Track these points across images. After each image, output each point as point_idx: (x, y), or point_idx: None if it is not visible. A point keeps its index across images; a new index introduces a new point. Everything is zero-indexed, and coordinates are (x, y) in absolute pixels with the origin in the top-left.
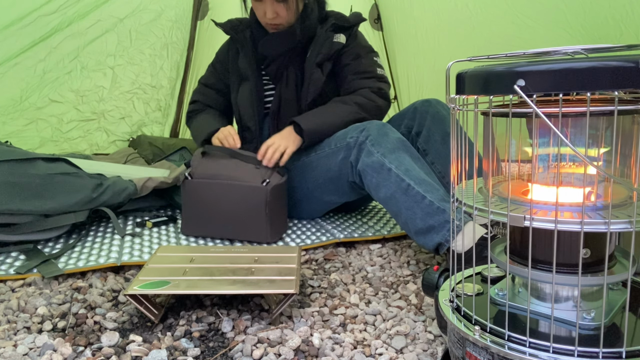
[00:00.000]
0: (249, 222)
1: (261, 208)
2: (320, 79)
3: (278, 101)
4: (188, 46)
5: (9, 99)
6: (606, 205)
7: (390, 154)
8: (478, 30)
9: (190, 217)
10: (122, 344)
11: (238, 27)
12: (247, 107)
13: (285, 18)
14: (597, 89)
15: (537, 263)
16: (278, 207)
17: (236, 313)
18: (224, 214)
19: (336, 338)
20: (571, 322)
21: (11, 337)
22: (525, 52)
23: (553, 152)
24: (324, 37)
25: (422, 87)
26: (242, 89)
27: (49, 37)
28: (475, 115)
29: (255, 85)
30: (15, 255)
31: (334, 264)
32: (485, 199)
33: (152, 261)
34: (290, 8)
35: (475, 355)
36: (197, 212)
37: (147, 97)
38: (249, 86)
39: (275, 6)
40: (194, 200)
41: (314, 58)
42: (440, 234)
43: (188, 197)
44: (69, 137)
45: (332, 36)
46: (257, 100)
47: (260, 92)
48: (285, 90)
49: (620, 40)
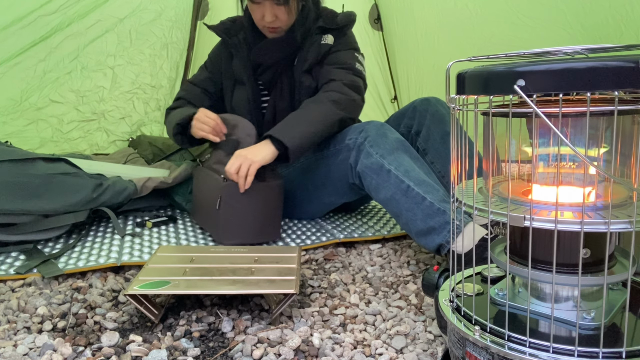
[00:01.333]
0: (210, 216)
1: (215, 203)
2: (311, 86)
3: (273, 110)
4: (188, 46)
5: (9, 99)
6: (606, 205)
7: (390, 154)
8: (478, 30)
9: (193, 202)
10: (122, 344)
11: (231, 30)
12: (244, 114)
13: (284, 21)
14: (597, 89)
15: (537, 263)
16: (246, 208)
17: (236, 313)
18: (202, 202)
19: (336, 338)
20: (571, 322)
21: (11, 337)
22: (525, 52)
23: (553, 152)
24: (310, 42)
25: (422, 87)
26: (238, 93)
27: (49, 37)
28: (475, 115)
29: (251, 92)
30: (15, 255)
31: (334, 264)
32: (485, 199)
33: (152, 261)
34: (290, 11)
35: (475, 355)
36: (194, 199)
37: (147, 97)
38: (245, 92)
39: (275, 9)
40: (195, 185)
41: (302, 66)
42: (441, 235)
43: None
44: (69, 137)
45: (319, 39)
46: (254, 108)
47: (257, 98)
48: (279, 100)
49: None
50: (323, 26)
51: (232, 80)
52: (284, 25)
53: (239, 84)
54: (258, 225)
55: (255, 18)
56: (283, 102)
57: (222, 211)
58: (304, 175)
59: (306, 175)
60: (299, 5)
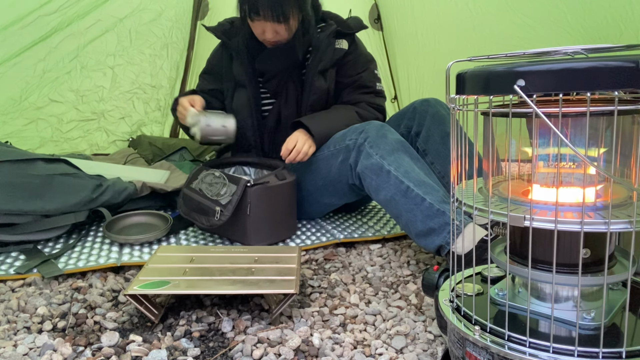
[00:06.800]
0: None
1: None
2: (322, 87)
3: (277, 117)
4: (188, 46)
5: (8, 98)
6: (606, 205)
7: (389, 155)
8: (478, 30)
9: None
10: (122, 344)
11: (230, 32)
12: (245, 117)
13: (284, 36)
14: (597, 89)
15: (537, 263)
16: (272, 207)
17: (236, 313)
18: None
19: (336, 338)
20: (571, 322)
21: (11, 337)
22: (525, 52)
23: (553, 152)
24: (326, 44)
25: (422, 87)
26: (239, 96)
27: (49, 37)
28: (475, 115)
29: (253, 95)
30: (15, 255)
31: (334, 264)
32: (485, 199)
33: (152, 261)
34: (290, 27)
35: (475, 355)
36: None
37: (147, 97)
38: (247, 95)
39: (275, 26)
40: None
41: (316, 66)
42: (441, 237)
43: None
44: (69, 137)
45: (333, 42)
46: (256, 112)
47: (258, 102)
48: (284, 107)
49: (620, 40)
50: (340, 30)
51: (233, 82)
52: (284, 40)
53: (240, 87)
54: (283, 222)
55: (255, 32)
56: (288, 108)
57: (252, 215)
58: (304, 176)
59: (306, 176)
60: (299, 18)
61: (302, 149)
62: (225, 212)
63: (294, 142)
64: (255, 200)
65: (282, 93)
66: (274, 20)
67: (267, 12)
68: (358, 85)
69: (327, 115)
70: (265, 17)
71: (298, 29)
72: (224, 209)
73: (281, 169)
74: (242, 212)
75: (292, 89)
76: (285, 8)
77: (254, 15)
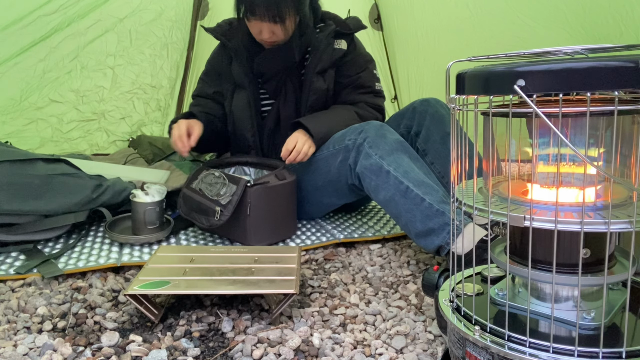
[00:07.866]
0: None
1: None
2: (321, 87)
3: (276, 117)
4: (188, 46)
5: (9, 98)
6: (606, 205)
7: (389, 155)
8: (478, 30)
9: None
10: (122, 344)
11: (229, 33)
12: (245, 118)
13: (281, 37)
14: (597, 89)
15: (537, 263)
16: (272, 208)
17: (236, 313)
18: None
19: (336, 338)
20: (571, 322)
21: (11, 337)
22: (525, 52)
23: (553, 152)
24: (325, 44)
25: (422, 87)
26: (238, 97)
27: (49, 37)
28: (475, 115)
29: (252, 97)
30: (15, 255)
31: (334, 264)
32: (485, 199)
33: (152, 261)
34: (287, 28)
35: (475, 355)
36: None
37: (147, 97)
38: (246, 97)
39: (272, 26)
40: None
41: (315, 66)
42: (441, 237)
43: None
44: (69, 137)
45: (332, 42)
46: (255, 113)
47: (257, 103)
48: (284, 108)
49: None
50: (339, 30)
51: (232, 83)
52: (281, 40)
53: (239, 88)
54: (283, 222)
55: (253, 33)
56: (287, 109)
57: (252, 215)
58: (304, 176)
59: (306, 176)
60: (297, 19)
61: (302, 149)
62: (225, 212)
63: (294, 143)
64: (255, 200)
65: (281, 93)
66: (270, 21)
67: (263, 12)
68: (357, 85)
69: (326, 116)
70: (261, 17)
71: (295, 29)
72: (224, 209)
73: (281, 169)
74: (242, 212)
75: (291, 89)
76: (281, 8)
77: (250, 15)
